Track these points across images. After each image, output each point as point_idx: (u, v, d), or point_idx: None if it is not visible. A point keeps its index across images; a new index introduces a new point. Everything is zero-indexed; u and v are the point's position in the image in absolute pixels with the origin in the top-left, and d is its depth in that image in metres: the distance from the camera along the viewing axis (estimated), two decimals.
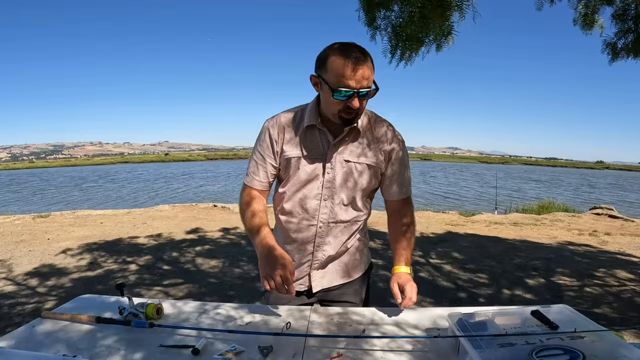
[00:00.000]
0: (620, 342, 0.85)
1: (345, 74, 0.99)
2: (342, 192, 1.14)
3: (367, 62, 1.01)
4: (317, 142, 1.14)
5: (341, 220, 1.17)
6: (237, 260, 4.05)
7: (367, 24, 3.29)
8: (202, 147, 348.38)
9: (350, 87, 1.00)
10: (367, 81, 1.01)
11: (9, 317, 2.70)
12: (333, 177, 1.13)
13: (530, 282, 3.55)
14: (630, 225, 6.87)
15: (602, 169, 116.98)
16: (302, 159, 1.13)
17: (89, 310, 1.08)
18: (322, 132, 1.13)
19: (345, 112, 1.05)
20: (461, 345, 0.85)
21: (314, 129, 1.13)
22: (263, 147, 1.17)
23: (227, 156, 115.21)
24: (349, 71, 0.99)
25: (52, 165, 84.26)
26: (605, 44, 3.57)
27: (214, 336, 0.96)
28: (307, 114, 1.13)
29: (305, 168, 1.13)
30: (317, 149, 1.13)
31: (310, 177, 1.14)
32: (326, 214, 1.15)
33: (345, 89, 1.00)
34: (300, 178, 1.14)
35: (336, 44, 1.04)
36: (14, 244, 4.78)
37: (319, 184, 1.14)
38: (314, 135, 1.14)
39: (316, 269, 1.22)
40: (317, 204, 1.15)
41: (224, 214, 7.41)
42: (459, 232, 5.87)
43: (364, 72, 1.00)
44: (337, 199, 1.15)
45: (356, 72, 0.99)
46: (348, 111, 1.04)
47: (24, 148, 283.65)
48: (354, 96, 1.01)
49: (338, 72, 1.00)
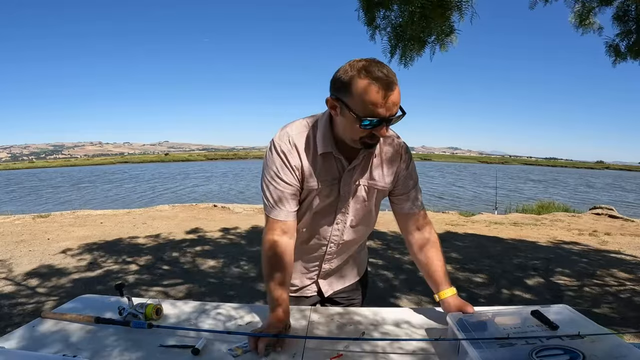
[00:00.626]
0: (620, 342, 0.85)
1: (376, 102, 0.88)
2: (354, 215, 1.13)
3: (397, 86, 0.90)
4: (332, 168, 1.06)
5: (352, 240, 1.18)
6: (237, 260, 4.05)
7: (367, 24, 3.29)
8: (202, 147, 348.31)
9: (380, 115, 0.89)
10: (396, 107, 0.91)
11: (9, 317, 2.70)
12: (346, 203, 1.11)
13: (530, 282, 3.55)
14: (630, 225, 6.87)
15: (602, 169, 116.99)
16: (320, 186, 1.06)
17: (89, 311, 1.08)
18: (337, 159, 1.05)
19: (369, 139, 0.96)
20: (461, 345, 0.85)
21: (329, 156, 1.04)
22: (284, 173, 1.03)
23: (227, 156, 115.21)
24: (380, 99, 0.88)
25: (52, 165, 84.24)
26: (608, 46, 3.57)
27: (214, 337, 0.96)
28: (321, 140, 1.03)
29: (321, 195, 1.07)
30: (332, 175, 1.06)
31: (325, 203, 1.09)
32: (337, 236, 1.16)
33: (375, 118, 0.90)
34: (315, 204, 1.09)
35: (360, 62, 0.90)
36: (14, 244, 4.78)
37: (333, 209, 1.11)
38: (329, 162, 1.05)
39: (323, 277, 1.25)
40: (329, 227, 1.13)
41: (224, 214, 7.41)
42: (459, 232, 5.87)
43: (395, 99, 0.89)
44: (349, 221, 1.14)
45: (387, 99, 0.88)
46: (373, 138, 0.96)
47: (24, 148, 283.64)
48: (382, 125, 0.92)
49: (367, 100, 0.88)
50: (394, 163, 1.11)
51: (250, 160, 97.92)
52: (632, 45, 3.41)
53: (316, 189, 1.05)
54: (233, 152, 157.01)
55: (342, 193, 1.08)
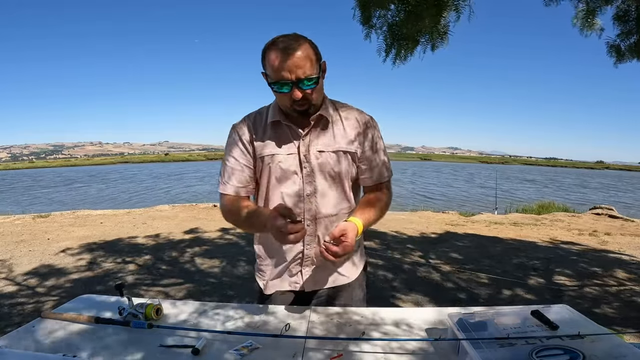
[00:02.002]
0: (620, 342, 0.85)
1: (278, 66, 0.96)
2: (323, 185, 1.10)
3: (297, 50, 0.96)
4: (287, 137, 1.09)
5: (328, 214, 1.12)
6: (237, 260, 4.05)
7: (362, 23, 3.29)
8: (202, 147, 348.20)
9: (284, 78, 0.97)
10: (302, 69, 0.97)
11: (9, 317, 2.69)
12: (310, 170, 1.09)
13: (530, 282, 3.55)
14: (630, 225, 6.87)
15: (602, 169, 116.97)
16: (276, 155, 1.09)
17: (89, 311, 1.08)
18: (289, 127, 1.09)
19: (296, 104, 1.02)
20: (461, 345, 0.85)
21: (280, 125, 1.09)
22: (234, 150, 1.12)
23: None
24: (280, 62, 0.96)
25: (52, 165, 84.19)
26: (609, 46, 3.56)
27: (213, 337, 0.96)
28: (270, 111, 1.11)
29: (280, 165, 1.08)
30: (289, 145, 1.09)
31: (287, 174, 1.09)
32: (311, 210, 1.11)
33: (281, 81, 0.98)
34: (277, 176, 1.09)
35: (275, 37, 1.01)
36: (14, 244, 4.78)
37: (297, 179, 1.09)
38: (282, 131, 1.10)
39: (308, 266, 1.17)
40: (299, 200, 1.10)
41: None
42: (459, 232, 5.87)
43: (295, 62, 0.96)
44: (320, 192, 1.10)
45: (287, 62, 0.96)
46: (298, 102, 1.01)
47: (24, 148, 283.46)
48: (291, 88, 0.98)
49: (272, 66, 0.98)
50: (354, 127, 1.13)
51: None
52: (632, 45, 3.41)
53: (271, 154, 1.09)
54: None
55: (302, 161, 1.08)
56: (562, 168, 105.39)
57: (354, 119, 1.14)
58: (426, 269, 3.87)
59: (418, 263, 4.06)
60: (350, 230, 1.00)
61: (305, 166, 1.08)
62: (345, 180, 1.13)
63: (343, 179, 1.12)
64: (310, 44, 1.01)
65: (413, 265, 3.97)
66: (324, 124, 1.10)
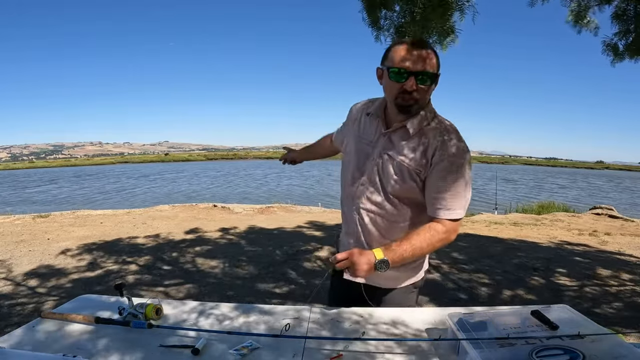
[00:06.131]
0: (620, 342, 0.85)
1: (403, 55, 1.03)
2: (380, 183, 1.15)
3: (426, 48, 1.04)
4: (371, 130, 1.19)
5: (369, 208, 1.17)
6: (237, 261, 4.05)
7: (370, 25, 3.31)
8: (202, 147, 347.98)
9: (406, 67, 1.03)
10: (423, 64, 1.02)
11: (9, 317, 2.69)
12: (374, 165, 1.15)
13: (530, 282, 3.55)
14: (630, 225, 6.87)
15: (602, 168, 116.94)
16: (356, 142, 1.21)
17: (89, 311, 1.08)
18: (378, 122, 1.17)
19: (402, 97, 1.06)
20: (461, 345, 0.85)
21: (373, 117, 1.19)
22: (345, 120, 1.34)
23: (227, 156, 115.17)
24: (406, 53, 1.03)
25: (52, 165, 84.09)
26: (606, 45, 3.56)
27: (214, 337, 0.96)
28: (373, 105, 1.21)
29: (354, 151, 1.21)
30: (369, 137, 1.19)
31: (358, 160, 1.19)
32: (357, 198, 1.19)
33: (401, 68, 1.03)
34: (350, 159, 1.22)
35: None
36: (14, 244, 4.78)
37: (362, 168, 1.18)
38: (371, 123, 1.19)
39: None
40: (356, 186, 1.19)
41: (223, 214, 7.41)
42: (459, 232, 5.86)
43: (421, 54, 1.02)
44: (376, 188, 1.16)
45: (413, 53, 1.02)
46: (404, 96, 1.05)
47: (24, 148, 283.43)
48: (410, 77, 1.03)
49: (397, 55, 1.04)
50: (430, 149, 1.08)
51: (251, 159, 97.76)
52: (630, 44, 3.41)
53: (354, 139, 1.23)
54: (233, 152, 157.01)
55: (373, 154, 1.16)
56: (562, 168, 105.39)
57: (437, 141, 1.08)
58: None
59: None
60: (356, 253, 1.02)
61: (373, 158, 1.16)
62: (397, 191, 1.13)
63: (395, 188, 1.13)
64: (435, 52, 1.08)
65: None
66: (404, 134, 1.12)
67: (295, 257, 4.16)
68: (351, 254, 1.03)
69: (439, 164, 1.06)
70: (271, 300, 3.05)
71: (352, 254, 1.03)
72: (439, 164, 1.06)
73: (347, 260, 1.02)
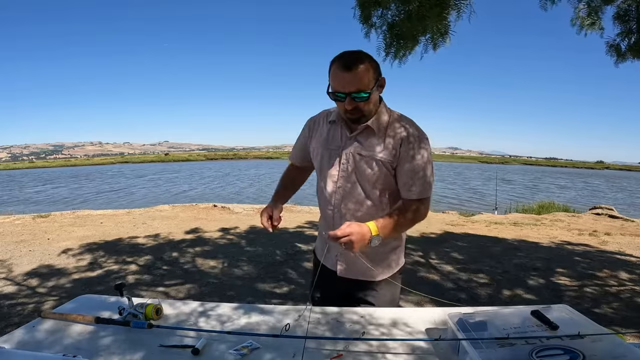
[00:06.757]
0: (620, 342, 0.85)
1: (335, 78, 1.11)
2: (356, 183, 1.22)
3: (356, 68, 1.09)
4: (337, 136, 1.25)
5: (352, 209, 1.23)
6: (237, 261, 4.05)
7: (362, 22, 3.30)
8: (202, 147, 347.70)
9: (338, 90, 1.11)
10: (356, 85, 1.09)
11: (9, 317, 2.69)
12: (347, 168, 1.22)
13: (530, 282, 3.55)
14: (630, 225, 6.87)
15: (602, 168, 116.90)
16: (324, 149, 1.27)
17: (89, 311, 1.08)
18: (341, 128, 1.24)
19: (348, 113, 1.15)
20: (461, 345, 0.85)
21: (335, 124, 1.26)
22: (300, 133, 1.40)
23: (227, 156, 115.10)
24: (338, 77, 1.10)
25: (52, 165, 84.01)
26: (609, 46, 3.56)
27: (213, 337, 0.96)
28: (334, 111, 1.27)
29: (325, 157, 1.26)
30: (337, 142, 1.25)
31: (330, 166, 1.25)
32: (338, 202, 1.24)
33: (337, 92, 1.12)
34: (322, 166, 1.28)
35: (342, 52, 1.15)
36: (14, 244, 4.78)
37: (335, 173, 1.24)
38: (336, 130, 1.26)
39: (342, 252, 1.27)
40: (333, 190, 1.25)
41: (223, 214, 7.41)
42: (459, 232, 5.86)
43: (351, 77, 1.09)
44: (352, 189, 1.22)
45: (344, 77, 1.09)
46: (350, 112, 1.14)
47: (24, 148, 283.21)
48: (345, 99, 1.11)
49: (332, 77, 1.13)
50: (396, 140, 1.19)
51: (251, 159, 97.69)
52: (632, 44, 3.41)
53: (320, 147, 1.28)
54: (233, 152, 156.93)
55: (342, 158, 1.22)
56: (563, 168, 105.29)
57: (398, 133, 1.20)
58: (426, 269, 3.87)
59: (418, 263, 4.06)
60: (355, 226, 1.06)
61: (343, 163, 1.22)
62: (376, 185, 1.22)
63: (374, 183, 1.21)
64: (371, 62, 1.13)
65: (413, 265, 3.96)
66: (369, 133, 1.20)
67: (295, 257, 4.16)
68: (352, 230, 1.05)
69: (407, 153, 1.18)
70: (271, 300, 3.05)
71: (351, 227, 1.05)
72: (407, 152, 1.18)
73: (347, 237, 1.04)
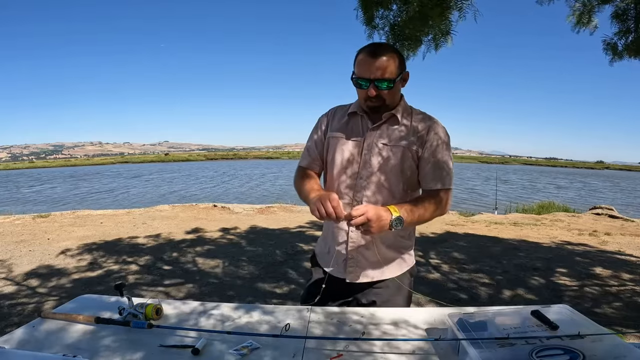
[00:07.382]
0: (620, 342, 0.85)
1: (362, 65, 1.13)
2: (378, 175, 1.19)
3: (382, 55, 1.11)
4: (358, 127, 1.24)
5: (374, 200, 1.18)
6: (237, 261, 4.05)
7: (365, 23, 3.30)
8: (202, 147, 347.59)
9: (364, 76, 1.12)
10: (381, 72, 1.11)
11: (9, 317, 2.69)
12: (369, 159, 1.20)
13: (530, 282, 3.55)
14: (630, 225, 6.87)
15: (602, 168, 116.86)
16: (343, 139, 1.24)
17: (89, 311, 1.08)
18: (362, 118, 1.23)
19: (369, 101, 1.16)
20: (461, 345, 0.85)
21: (356, 116, 1.25)
22: (312, 132, 1.33)
23: (227, 156, 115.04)
24: (365, 62, 1.12)
25: (52, 165, 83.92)
26: (606, 44, 3.57)
27: (213, 337, 0.96)
28: (353, 104, 1.27)
29: (344, 148, 1.23)
30: (357, 134, 1.23)
31: (350, 157, 1.22)
32: (359, 193, 1.20)
33: (361, 78, 1.13)
34: (340, 158, 1.23)
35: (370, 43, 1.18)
36: (14, 244, 4.78)
37: (356, 165, 1.21)
38: (356, 121, 1.25)
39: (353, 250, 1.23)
40: (353, 183, 1.21)
41: (224, 214, 7.41)
42: (459, 232, 5.86)
43: (378, 63, 1.10)
44: (374, 181, 1.19)
45: (369, 63, 1.11)
46: (371, 100, 1.15)
47: (24, 148, 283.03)
48: (368, 86, 1.13)
49: (358, 65, 1.14)
50: (422, 130, 1.20)
51: (251, 159, 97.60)
52: (630, 43, 3.41)
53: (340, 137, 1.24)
54: (233, 152, 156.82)
55: (364, 149, 1.20)
56: (562, 168, 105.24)
57: (424, 122, 1.21)
58: (426, 269, 3.87)
59: (418, 263, 4.05)
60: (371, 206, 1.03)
61: (365, 153, 1.20)
62: (400, 174, 1.20)
63: (398, 172, 1.19)
64: (397, 53, 1.15)
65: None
66: (393, 121, 1.21)
67: (296, 257, 4.16)
68: (367, 209, 1.01)
69: (432, 143, 1.18)
70: (271, 300, 3.05)
71: (368, 208, 1.02)
72: (432, 142, 1.18)
73: (363, 216, 1.00)
